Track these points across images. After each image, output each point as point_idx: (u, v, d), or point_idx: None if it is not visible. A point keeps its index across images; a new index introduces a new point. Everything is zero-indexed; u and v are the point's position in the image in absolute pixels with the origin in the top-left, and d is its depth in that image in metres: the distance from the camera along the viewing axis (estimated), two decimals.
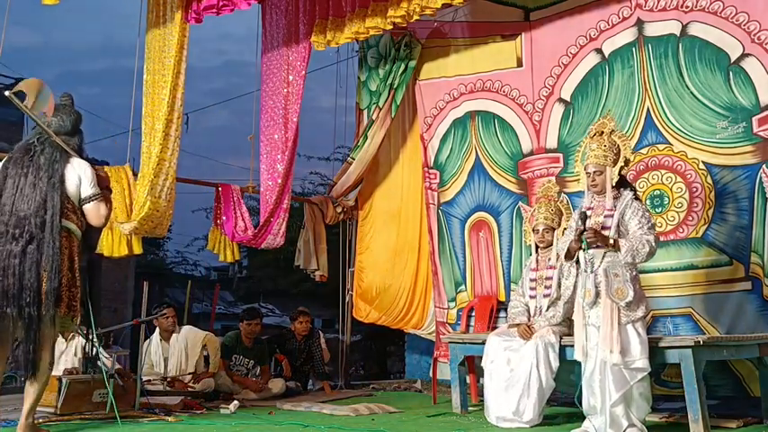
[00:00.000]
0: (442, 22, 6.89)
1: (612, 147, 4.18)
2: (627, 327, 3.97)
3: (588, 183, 4.23)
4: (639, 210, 4.10)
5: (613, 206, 4.13)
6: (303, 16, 6.67)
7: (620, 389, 3.93)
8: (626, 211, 4.11)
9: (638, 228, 4.04)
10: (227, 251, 6.91)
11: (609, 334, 3.94)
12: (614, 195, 4.16)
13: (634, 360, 3.93)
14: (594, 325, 4.06)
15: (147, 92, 6.35)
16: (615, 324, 3.94)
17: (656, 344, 4.16)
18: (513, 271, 6.32)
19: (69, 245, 3.93)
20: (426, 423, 4.73)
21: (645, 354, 3.95)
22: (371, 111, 7.41)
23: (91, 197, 4.00)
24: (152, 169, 6.06)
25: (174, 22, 6.36)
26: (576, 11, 6.08)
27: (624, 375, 3.94)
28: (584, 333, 4.12)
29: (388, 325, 7.46)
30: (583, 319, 4.14)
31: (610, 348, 3.91)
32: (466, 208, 6.75)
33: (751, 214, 5.00)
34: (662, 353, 4.14)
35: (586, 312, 4.12)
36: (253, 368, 6.41)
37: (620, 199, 4.15)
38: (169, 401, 5.14)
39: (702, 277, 5.16)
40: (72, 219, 3.97)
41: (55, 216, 3.86)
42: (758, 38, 5.05)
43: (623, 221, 4.10)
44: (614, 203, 4.14)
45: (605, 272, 4.04)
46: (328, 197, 7.72)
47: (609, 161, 4.15)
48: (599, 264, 4.08)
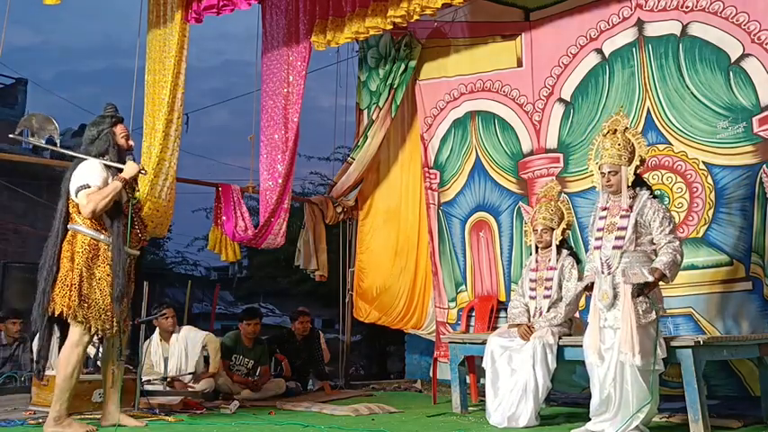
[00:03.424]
0: (442, 22, 6.89)
1: (627, 145, 4.13)
2: (645, 329, 3.91)
3: (603, 183, 4.18)
4: (660, 210, 4.06)
5: (629, 206, 4.09)
6: (303, 16, 6.67)
7: (640, 391, 3.88)
8: (644, 211, 4.06)
9: (660, 232, 4.00)
10: (228, 251, 6.91)
11: (629, 335, 3.87)
12: (631, 195, 4.12)
13: (655, 361, 3.87)
14: (612, 327, 4.02)
15: (148, 92, 6.36)
16: (635, 326, 3.88)
17: (657, 344, 4.15)
18: (514, 271, 6.32)
19: (71, 247, 4.12)
20: (426, 423, 4.73)
21: (662, 355, 3.92)
22: (371, 111, 7.41)
23: (76, 191, 4.15)
24: (152, 169, 6.06)
25: (175, 22, 6.36)
26: (576, 11, 6.08)
27: (642, 377, 3.90)
28: (599, 335, 4.07)
29: (388, 325, 7.46)
30: (599, 321, 4.09)
31: (631, 350, 3.85)
32: (466, 208, 6.75)
33: (751, 214, 5.00)
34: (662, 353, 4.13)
35: (602, 314, 4.07)
36: (253, 368, 6.41)
37: (636, 198, 4.11)
38: (169, 401, 5.14)
39: (703, 277, 5.16)
40: (76, 221, 4.16)
41: (57, 222, 4.18)
42: (758, 38, 5.05)
43: (642, 221, 4.06)
44: (631, 203, 4.10)
45: (623, 272, 4.01)
46: (328, 197, 7.72)
47: (624, 160, 4.11)
48: (617, 265, 4.04)
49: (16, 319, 6.76)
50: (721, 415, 4.47)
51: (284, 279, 14.37)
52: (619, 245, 4.07)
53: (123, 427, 4.25)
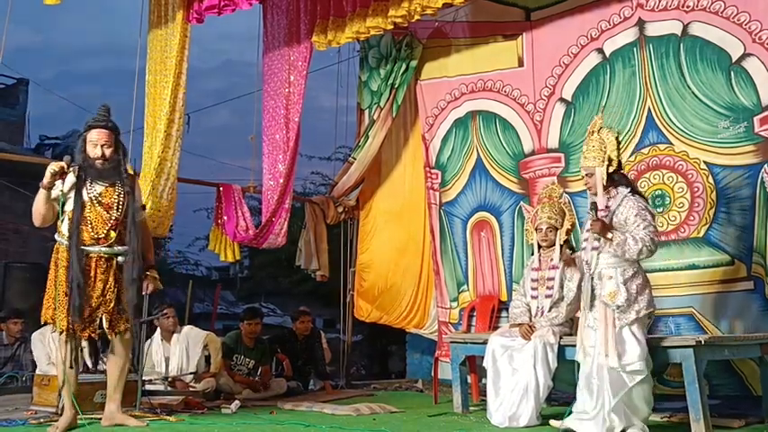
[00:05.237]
0: (443, 21, 6.88)
1: (602, 145, 4.15)
2: (623, 330, 3.96)
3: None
4: (635, 207, 4.05)
5: (606, 206, 4.12)
6: (304, 16, 6.67)
7: (617, 392, 3.91)
8: (619, 210, 4.08)
9: (636, 227, 4.02)
10: (228, 251, 6.91)
11: (604, 337, 3.94)
12: (612, 195, 4.14)
13: (630, 363, 3.91)
14: (592, 327, 4.08)
15: (149, 92, 6.37)
16: (610, 327, 3.95)
17: (658, 344, 4.16)
18: (515, 271, 6.31)
19: (56, 256, 4.25)
20: (427, 423, 4.73)
21: (642, 356, 3.93)
22: (373, 111, 7.41)
23: None
24: (153, 169, 6.07)
25: (176, 22, 6.37)
26: (576, 11, 6.08)
27: (622, 379, 3.93)
28: (583, 334, 4.15)
29: (390, 324, 7.46)
30: (585, 320, 4.16)
31: (606, 352, 3.92)
32: (467, 208, 6.75)
33: (753, 214, 5.00)
34: (664, 353, 4.14)
35: (586, 314, 4.14)
36: (254, 368, 6.41)
37: (615, 198, 4.13)
38: (170, 401, 5.14)
39: (704, 277, 5.16)
40: (61, 231, 4.27)
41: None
42: (759, 38, 5.05)
43: (617, 220, 4.07)
44: (608, 203, 4.13)
45: (599, 274, 4.06)
46: (329, 197, 7.72)
47: (598, 161, 4.13)
48: (595, 266, 4.10)
49: (17, 319, 6.76)
50: (723, 414, 4.46)
51: (285, 279, 14.38)
52: (595, 246, 4.12)
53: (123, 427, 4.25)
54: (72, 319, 4.11)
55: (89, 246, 4.23)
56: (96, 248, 4.25)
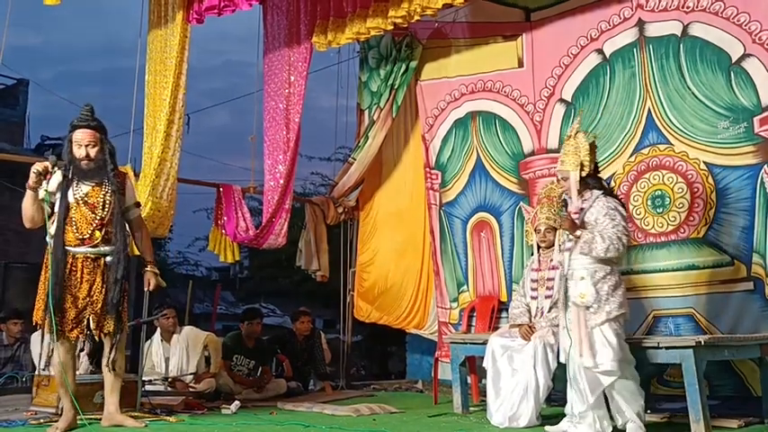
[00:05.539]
0: (442, 22, 6.88)
1: (576, 150, 4.16)
2: (594, 330, 3.98)
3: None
4: (605, 207, 4.07)
5: (579, 209, 4.15)
6: (304, 17, 6.67)
7: (594, 391, 3.97)
8: (591, 210, 4.10)
9: (604, 225, 4.03)
10: (228, 251, 6.91)
11: (578, 338, 3.99)
12: (585, 197, 4.17)
13: (601, 364, 3.94)
14: (569, 328, 4.11)
15: (149, 92, 6.37)
16: (583, 328, 3.98)
17: (658, 344, 4.17)
18: (515, 271, 6.32)
19: (46, 258, 4.23)
20: (427, 423, 4.73)
21: (614, 357, 3.93)
22: (372, 111, 7.41)
23: None
24: (153, 170, 6.06)
25: (176, 23, 6.37)
26: (576, 11, 6.08)
27: (597, 378, 3.97)
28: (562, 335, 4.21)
29: (390, 325, 7.46)
30: (562, 321, 4.21)
31: (580, 352, 3.96)
32: (467, 208, 6.75)
33: (752, 214, 5.00)
34: (663, 353, 4.14)
35: (562, 315, 4.20)
36: (254, 368, 6.41)
37: (587, 201, 4.15)
38: (170, 402, 5.14)
39: (704, 277, 5.16)
40: (50, 232, 4.25)
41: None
42: (759, 38, 5.05)
43: (588, 220, 4.08)
44: (582, 205, 4.16)
45: (572, 275, 4.09)
46: (329, 197, 7.72)
47: (572, 166, 4.14)
48: (568, 266, 4.13)
49: (18, 319, 6.76)
50: (722, 415, 4.46)
51: (285, 279, 14.39)
52: (568, 246, 4.16)
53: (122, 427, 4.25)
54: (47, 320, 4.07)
55: (74, 247, 4.22)
56: (82, 249, 4.24)
